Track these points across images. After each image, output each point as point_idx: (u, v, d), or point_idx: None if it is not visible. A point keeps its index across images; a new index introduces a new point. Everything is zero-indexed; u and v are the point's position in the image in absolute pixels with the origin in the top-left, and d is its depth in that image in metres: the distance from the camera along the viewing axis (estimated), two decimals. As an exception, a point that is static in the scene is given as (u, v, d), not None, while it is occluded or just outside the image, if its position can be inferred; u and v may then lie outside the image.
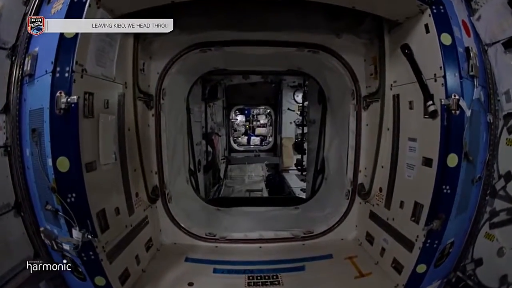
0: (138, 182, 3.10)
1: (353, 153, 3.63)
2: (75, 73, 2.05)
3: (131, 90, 2.95)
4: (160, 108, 3.44)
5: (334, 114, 4.29)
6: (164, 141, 3.52)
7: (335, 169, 4.29)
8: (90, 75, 2.24)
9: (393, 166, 2.94)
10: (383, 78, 3.05)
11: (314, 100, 5.20)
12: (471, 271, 2.64)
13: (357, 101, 3.54)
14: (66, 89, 2.02)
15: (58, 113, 2.00)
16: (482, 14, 2.51)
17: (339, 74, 3.65)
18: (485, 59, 2.51)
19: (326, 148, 4.48)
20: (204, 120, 6.34)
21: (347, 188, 3.74)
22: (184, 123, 4.35)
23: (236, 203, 4.97)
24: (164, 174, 3.59)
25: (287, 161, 10.20)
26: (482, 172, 2.53)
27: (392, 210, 2.91)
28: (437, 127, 2.30)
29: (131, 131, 2.95)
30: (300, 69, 4.36)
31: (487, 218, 2.58)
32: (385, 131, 3.06)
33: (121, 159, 2.71)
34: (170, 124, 3.68)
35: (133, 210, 2.91)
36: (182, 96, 4.26)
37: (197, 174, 5.12)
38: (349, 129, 3.66)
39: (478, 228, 2.61)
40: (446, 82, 2.24)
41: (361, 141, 3.57)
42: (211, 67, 4.29)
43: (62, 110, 2.01)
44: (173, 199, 3.78)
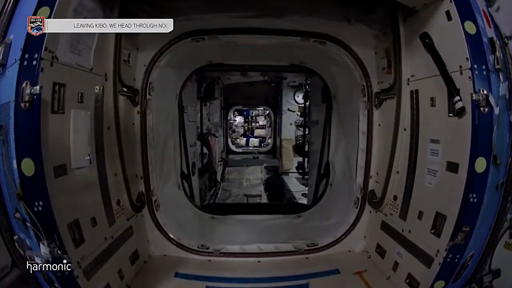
0: (120, 188, 2.77)
1: (364, 156, 3.30)
2: (44, 61, 1.79)
3: (112, 82, 2.60)
4: (146, 104, 3.06)
5: (341, 113, 3.93)
6: (151, 142, 3.14)
7: (341, 174, 3.93)
8: (62, 64, 1.96)
9: (411, 172, 2.64)
10: (398, 72, 2.74)
11: (318, 99, 4.85)
12: (488, 283, 2.44)
13: (368, 99, 3.21)
14: (33, 79, 1.75)
15: (24, 107, 1.74)
16: (501, 5, 2.30)
17: (347, 69, 3.32)
18: (506, 53, 2.24)
19: (332, 151, 4.11)
20: (199, 120, 5.94)
21: (356, 195, 3.42)
22: (176, 123, 3.97)
23: (233, 210, 4.59)
24: (151, 179, 3.22)
25: (287, 163, 9.86)
26: (505, 177, 2.26)
27: (408, 221, 2.64)
28: (465, 126, 2.04)
29: (111, 130, 2.61)
30: (303, 64, 3.98)
31: (507, 226, 2.34)
32: (402, 132, 2.75)
33: (98, 162, 2.41)
34: (158, 123, 3.31)
35: (113, 220, 2.60)
36: (173, 93, 3.87)
37: (191, 178, 4.74)
38: (359, 130, 3.34)
39: (497, 237, 2.35)
40: (474, 75, 1.99)
41: (373, 143, 3.24)
42: (205, 61, 3.89)
43: (27, 104, 1.74)
44: (162, 207, 3.42)
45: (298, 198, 7.25)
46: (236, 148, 11.99)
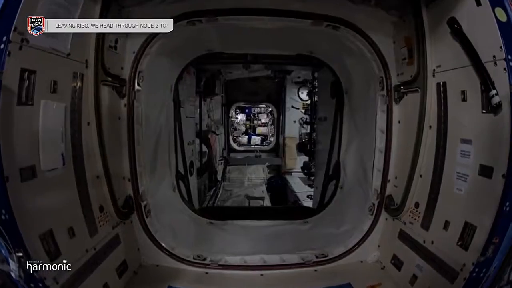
0: (102, 192, 2.46)
1: (382, 157, 2.94)
2: (12, 44, 1.56)
3: (93, 70, 2.29)
4: (134, 96, 2.69)
5: (354, 109, 3.56)
6: (140, 139, 2.78)
7: (354, 176, 3.57)
8: (32, 47, 1.72)
9: (437, 176, 2.36)
10: (422, 62, 2.45)
11: (326, 94, 4.47)
12: (506, 295, 2.18)
13: (387, 92, 2.85)
14: (-2, 65, 1.49)
15: (-14, 97, 1.50)
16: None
17: (363, 59, 2.96)
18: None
19: (343, 151, 3.73)
20: (198, 117, 5.57)
21: (372, 201, 3.07)
22: (171, 118, 3.60)
23: (233, 214, 4.23)
24: (140, 182, 2.85)
25: (290, 162, 9.51)
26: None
27: (431, 232, 2.39)
28: (502, 124, 1.80)
29: (92, 125, 2.30)
30: (312, 54, 3.59)
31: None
32: (427, 130, 2.46)
33: (75, 162, 2.13)
34: (149, 118, 2.96)
35: (95, 229, 2.33)
36: (167, 85, 3.50)
37: (189, 179, 4.39)
38: (376, 127, 2.97)
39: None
40: (510, 66, 1.77)
41: (392, 142, 2.88)
42: (204, 50, 3.50)
43: (-11, 93, 1.49)
44: (154, 212, 3.07)
45: (302, 200, 6.92)
46: (237, 146, 11.68)
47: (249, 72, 7.68)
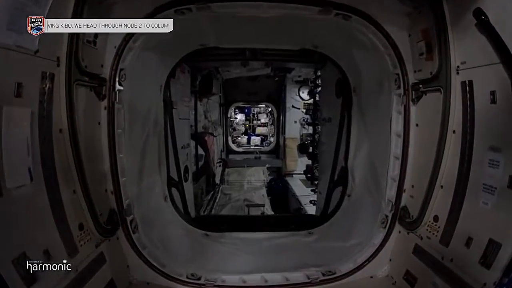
0: (81, 209, 2.17)
1: (398, 165, 2.63)
2: None
3: (66, 69, 1.97)
4: (115, 97, 2.36)
5: (364, 109, 3.24)
6: (122, 146, 2.46)
7: (363, 184, 3.26)
8: None
9: (461, 187, 2.11)
10: (444, 58, 2.16)
11: (331, 93, 4.14)
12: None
13: (404, 91, 2.53)
14: None
15: None
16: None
17: (376, 53, 2.64)
18: None
19: (351, 155, 3.41)
20: (194, 118, 5.23)
21: (385, 212, 2.77)
22: (160, 121, 3.26)
23: (231, 223, 3.90)
24: (124, 194, 2.54)
25: (291, 164, 9.21)
26: None
27: (452, 248, 2.17)
28: None
29: (65, 132, 2.00)
30: (317, 48, 3.25)
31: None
32: (450, 135, 2.19)
33: (46, 177, 1.86)
34: (134, 121, 2.64)
35: (75, 249, 2.08)
36: (156, 84, 3.16)
37: (183, 185, 4.06)
38: (391, 130, 2.66)
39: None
40: None
41: (409, 148, 2.58)
42: (196, 44, 3.16)
43: None
44: (142, 227, 2.76)
45: (304, 204, 6.59)
46: (236, 148, 11.35)
47: (247, 71, 7.35)
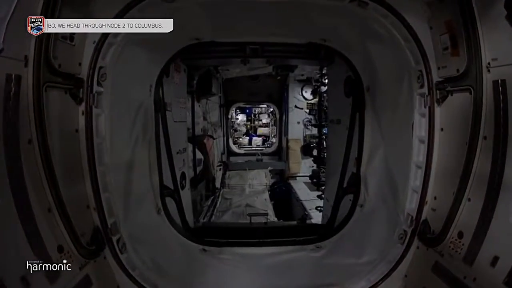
0: (59, 229, 1.88)
1: (421, 175, 2.31)
2: None
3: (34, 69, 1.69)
4: (93, 100, 2.03)
5: (380, 111, 2.90)
6: (103, 157, 2.14)
7: (378, 193, 2.93)
8: None
9: (491, 200, 1.88)
10: (472, 54, 1.90)
11: (339, 92, 3.80)
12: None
13: (429, 90, 2.21)
14: None
15: None
16: None
17: (395, 47, 2.31)
18: None
19: (364, 161, 3.07)
20: (191, 120, 4.88)
21: (403, 227, 2.46)
22: (151, 125, 2.92)
23: (232, 235, 3.56)
24: (108, 211, 2.22)
25: (294, 166, 8.85)
26: None
27: (476, 267, 1.97)
28: None
29: (34, 143, 1.72)
30: (325, 42, 2.89)
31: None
32: (481, 142, 1.93)
33: (15, 195, 1.61)
34: (118, 127, 2.32)
35: (56, 274, 1.84)
36: (144, 84, 2.82)
37: (180, 193, 3.73)
38: (413, 135, 2.34)
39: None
40: None
41: (433, 155, 2.27)
42: (190, 38, 2.81)
43: None
44: (131, 245, 2.45)
45: (309, 209, 6.25)
46: (237, 149, 11.00)
47: (248, 70, 7.03)
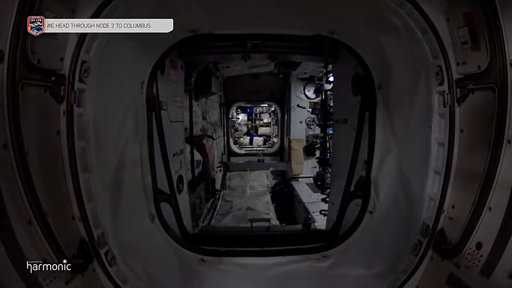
0: (41, 241, 1.71)
1: (439, 181, 2.12)
2: None
3: (8, 65, 1.50)
4: (75, 98, 1.82)
5: (393, 110, 2.67)
6: (88, 163, 1.92)
7: (390, 200, 2.70)
8: None
9: None
10: (495, 49, 1.74)
11: (346, 90, 3.56)
12: None
13: (449, 88, 2.01)
14: None
15: None
16: None
17: (411, 40, 2.11)
18: None
19: (375, 165, 2.84)
20: (189, 119, 4.65)
21: (418, 237, 2.27)
22: (143, 125, 2.69)
23: (232, 242, 3.34)
24: (94, 222, 2.01)
25: (297, 167, 8.61)
26: None
27: (493, 280, 1.84)
28: None
29: (9, 148, 1.54)
30: (333, 34, 2.64)
31: None
32: (505, 146, 1.78)
33: None
34: (106, 129, 2.10)
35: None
36: (135, 80, 2.59)
37: (176, 197, 3.51)
38: (432, 137, 2.14)
39: None
40: None
41: (453, 159, 2.07)
42: (185, 30, 2.56)
43: None
44: (121, 257, 2.24)
45: (313, 212, 6.02)
46: (238, 149, 10.76)
47: (249, 68, 6.81)
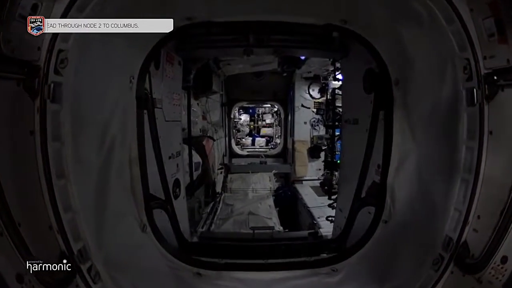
0: (14, 255, 1.51)
1: (467, 190, 1.87)
2: None
3: None
4: (49, 93, 1.56)
5: (413, 109, 2.39)
6: (65, 167, 1.66)
7: (409, 209, 2.42)
8: None
9: None
10: None
11: (357, 88, 3.28)
12: None
13: (478, 84, 1.77)
14: None
15: None
16: None
17: (435, 29, 1.88)
18: None
19: (392, 170, 2.55)
20: (187, 119, 4.37)
21: (439, 250, 2.02)
22: (131, 125, 2.42)
23: (231, 253, 3.07)
24: (73, 234, 1.76)
25: (301, 169, 8.32)
26: None
27: None
28: None
29: None
30: (346, 24, 2.37)
31: None
32: None
33: None
34: (87, 129, 1.84)
35: None
36: (122, 74, 2.32)
37: (173, 203, 3.25)
38: (459, 140, 1.87)
39: None
40: None
41: (481, 165, 1.82)
42: (180, 17, 2.30)
43: None
44: (108, 272, 1.98)
45: (318, 217, 5.72)
46: (240, 150, 10.48)
47: (252, 66, 6.55)
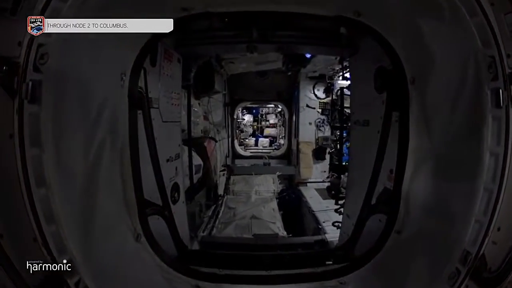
0: None
1: (490, 200, 1.70)
2: None
3: None
4: (28, 92, 1.40)
5: (431, 110, 2.18)
6: (46, 175, 1.51)
7: (425, 219, 2.23)
8: None
9: None
10: None
11: (367, 87, 3.09)
12: None
13: (504, 84, 1.61)
14: None
15: None
16: None
17: (456, 23, 1.72)
18: None
19: (408, 176, 2.35)
20: (187, 119, 4.19)
21: (456, 264, 1.83)
22: (123, 126, 2.24)
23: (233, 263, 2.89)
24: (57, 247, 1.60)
25: (305, 171, 8.11)
26: None
27: None
28: None
29: None
30: (359, 17, 2.17)
31: None
32: None
33: None
34: (71, 131, 1.68)
35: None
36: (113, 71, 2.14)
37: (171, 209, 3.08)
38: (483, 145, 1.69)
39: None
40: None
41: (505, 173, 1.67)
42: (177, 9, 2.12)
43: None
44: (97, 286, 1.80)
45: (323, 221, 5.53)
46: (243, 151, 10.30)
47: (255, 65, 6.36)
